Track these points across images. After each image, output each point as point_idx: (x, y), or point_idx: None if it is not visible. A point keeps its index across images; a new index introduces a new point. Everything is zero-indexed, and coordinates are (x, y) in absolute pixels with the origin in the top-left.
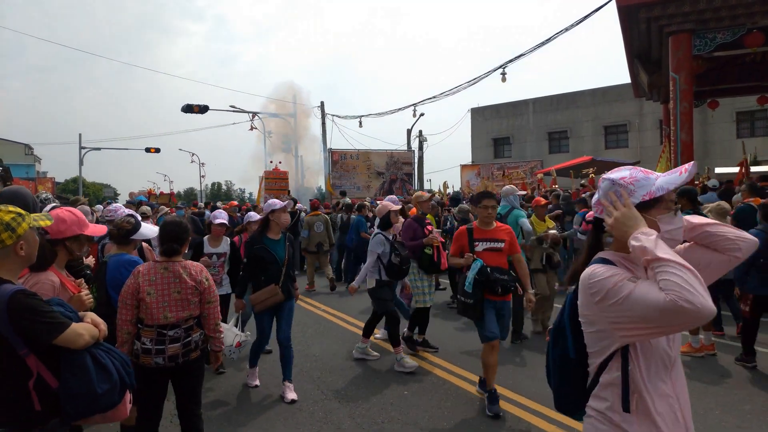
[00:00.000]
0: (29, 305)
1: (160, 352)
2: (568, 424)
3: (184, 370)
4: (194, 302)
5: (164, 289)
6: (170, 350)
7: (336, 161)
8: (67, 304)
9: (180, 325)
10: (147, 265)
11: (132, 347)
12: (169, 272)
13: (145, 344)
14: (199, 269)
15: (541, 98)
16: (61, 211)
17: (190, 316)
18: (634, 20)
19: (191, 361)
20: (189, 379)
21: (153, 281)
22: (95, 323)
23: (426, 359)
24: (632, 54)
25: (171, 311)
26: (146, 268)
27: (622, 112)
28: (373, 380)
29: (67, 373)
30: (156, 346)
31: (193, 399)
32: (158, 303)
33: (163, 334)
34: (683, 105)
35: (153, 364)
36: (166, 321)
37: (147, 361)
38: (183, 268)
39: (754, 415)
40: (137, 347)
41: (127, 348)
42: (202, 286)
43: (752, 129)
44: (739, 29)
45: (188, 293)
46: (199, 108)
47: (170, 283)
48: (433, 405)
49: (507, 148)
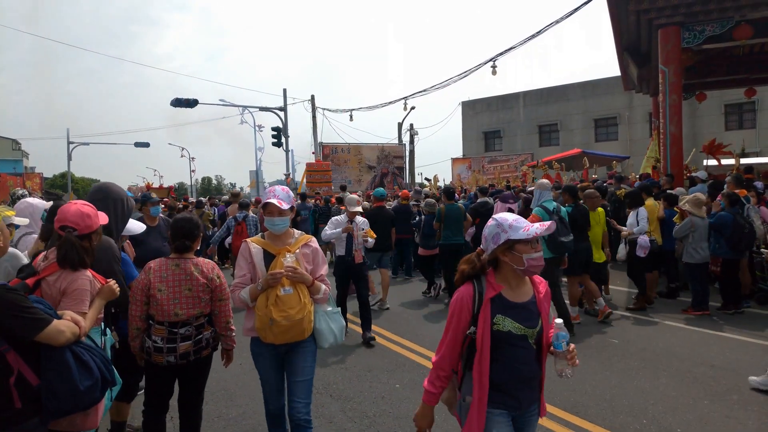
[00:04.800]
0: (11, 300)
1: (172, 351)
2: (558, 415)
3: (193, 367)
4: (205, 300)
5: (175, 285)
6: (182, 348)
7: (327, 155)
8: (46, 301)
9: (191, 323)
10: (158, 262)
11: (143, 344)
12: (181, 269)
13: (156, 343)
14: (211, 267)
15: (531, 91)
16: (81, 206)
17: (201, 314)
18: (623, 13)
19: (202, 358)
20: (197, 376)
21: (164, 278)
22: (75, 321)
23: (416, 352)
24: (622, 47)
25: (182, 308)
26: (157, 264)
27: (612, 104)
28: (364, 374)
29: (49, 370)
30: (167, 344)
31: (198, 395)
32: (169, 300)
33: (174, 333)
34: (672, 97)
35: (165, 363)
36: (177, 318)
37: (159, 359)
38: (194, 266)
39: (741, 405)
40: (148, 345)
41: (137, 343)
42: (213, 283)
43: (740, 121)
44: (727, 22)
45: (199, 290)
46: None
47: (181, 280)
48: None
49: (498, 141)
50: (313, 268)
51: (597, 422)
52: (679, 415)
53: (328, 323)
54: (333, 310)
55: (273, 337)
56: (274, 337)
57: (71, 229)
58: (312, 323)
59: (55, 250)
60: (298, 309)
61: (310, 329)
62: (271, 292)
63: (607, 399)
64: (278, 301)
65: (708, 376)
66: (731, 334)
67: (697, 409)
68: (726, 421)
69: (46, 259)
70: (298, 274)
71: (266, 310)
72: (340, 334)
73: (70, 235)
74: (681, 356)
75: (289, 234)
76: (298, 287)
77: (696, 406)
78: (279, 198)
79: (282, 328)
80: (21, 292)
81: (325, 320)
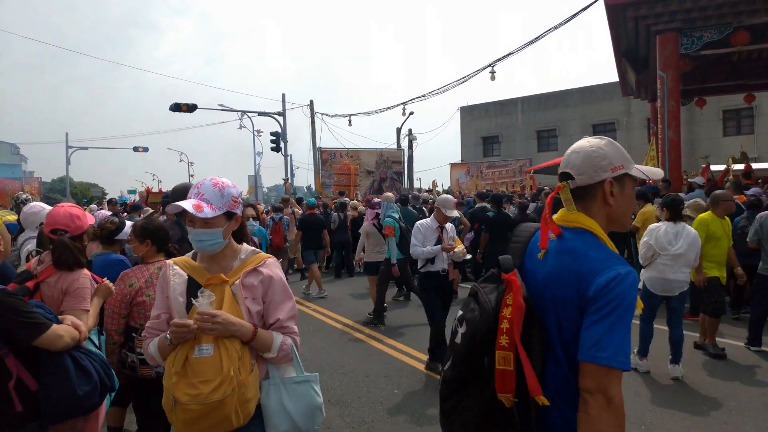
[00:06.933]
0: (10, 304)
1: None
2: None
3: None
4: None
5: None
6: None
7: (325, 160)
8: (46, 306)
9: None
10: (138, 269)
11: (123, 360)
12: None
13: (141, 355)
14: None
15: (529, 97)
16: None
17: None
18: (621, 19)
19: None
20: None
21: (151, 283)
22: (75, 326)
23: (415, 357)
24: (620, 52)
25: None
26: (139, 271)
27: (610, 110)
28: (362, 379)
29: (48, 375)
30: None
31: None
32: None
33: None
34: (670, 103)
35: (155, 375)
36: None
37: (147, 372)
38: None
39: (738, 411)
40: (132, 359)
41: (114, 359)
42: None
43: (738, 127)
44: (725, 28)
45: None
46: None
47: None
48: (423, 403)
49: (496, 146)
50: (266, 308)
51: None
52: (676, 421)
53: (282, 399)
54: (298, 377)
55: (181, 426)
56: (183, 427)
57: (62, 231)
58: (250, 404)
59: (49, 254)
60: (218, 383)
61: (243, 416)
62: (180, 352)
63: None
64: (187, 367)
65: (705, 381)
66: (729, 340)
67: (695, 416)
68: (723, 427)
69: (41, 263)
70: (220, 323)
71: (170, 381)
72: (306, 421)
73: (62, 238)
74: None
75: (234, 253)
76: (222, 345)
77: (693, 412)
78: (204, 198)
79: (189, 414)
80: (21, 297)
81: (279, 394)
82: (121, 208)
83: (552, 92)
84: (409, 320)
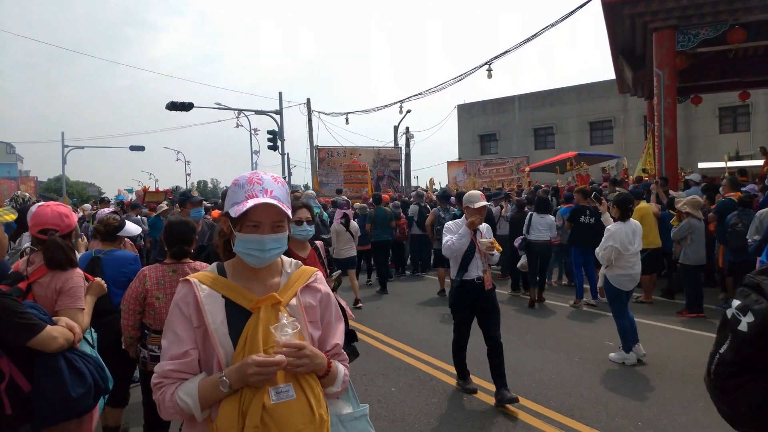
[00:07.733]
0: (4, 305)
1: None
2: (554, 418)
3: None
4: None
5: (173, 292)
6: None
7: (323, 159)
8: (40, 307)
9: None
10: (153, 268)
11: (137, 353)
12: (178, 275)
13: (153, 352)
14: None
15: (526, 95)
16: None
17: None
18: (618, 16)
19: None
20: None
21: (162, 285)
22: (69, 327)
23: (412, 355)
24: (617, 50)
25: None
26: (153, 271)
27: (607, 108)
28: (360, 378)
29: (41, 377)
30: None
31: None
32: (167, 307)
33: None
34: (667, 101)
35: None
36: None
37: None
38: (192, 270)
39: None
40: (144, 355)
41: (132, 351)
42: None
43: (734, 124)
44: (721, 25)
45: None
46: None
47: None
48: (421, 401)
49: (493, 144)
50: (323, 334)
51: (592, 425)
52: (673, 417)
53: None
54: (356, 412)
55: None
56: None
57: (53, 230)
58: None
59: (38, 254)
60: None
61: None
62: (252, 399)
63: (602, 402)
64: (267, 418)
65: (702, 378)
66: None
67: (692, 412)
68: (721, 424)
69: (31, 263)
70: (308, 357)
71: None
72: None
73: (54, 237)
74: (676, 359)
75: (277, 264)
76: (304, 383)
77: (691, 408)
78: (274, 197)
79: None
80: (14, 297)
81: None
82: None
83: (549, 90)
84: (407, 320)
